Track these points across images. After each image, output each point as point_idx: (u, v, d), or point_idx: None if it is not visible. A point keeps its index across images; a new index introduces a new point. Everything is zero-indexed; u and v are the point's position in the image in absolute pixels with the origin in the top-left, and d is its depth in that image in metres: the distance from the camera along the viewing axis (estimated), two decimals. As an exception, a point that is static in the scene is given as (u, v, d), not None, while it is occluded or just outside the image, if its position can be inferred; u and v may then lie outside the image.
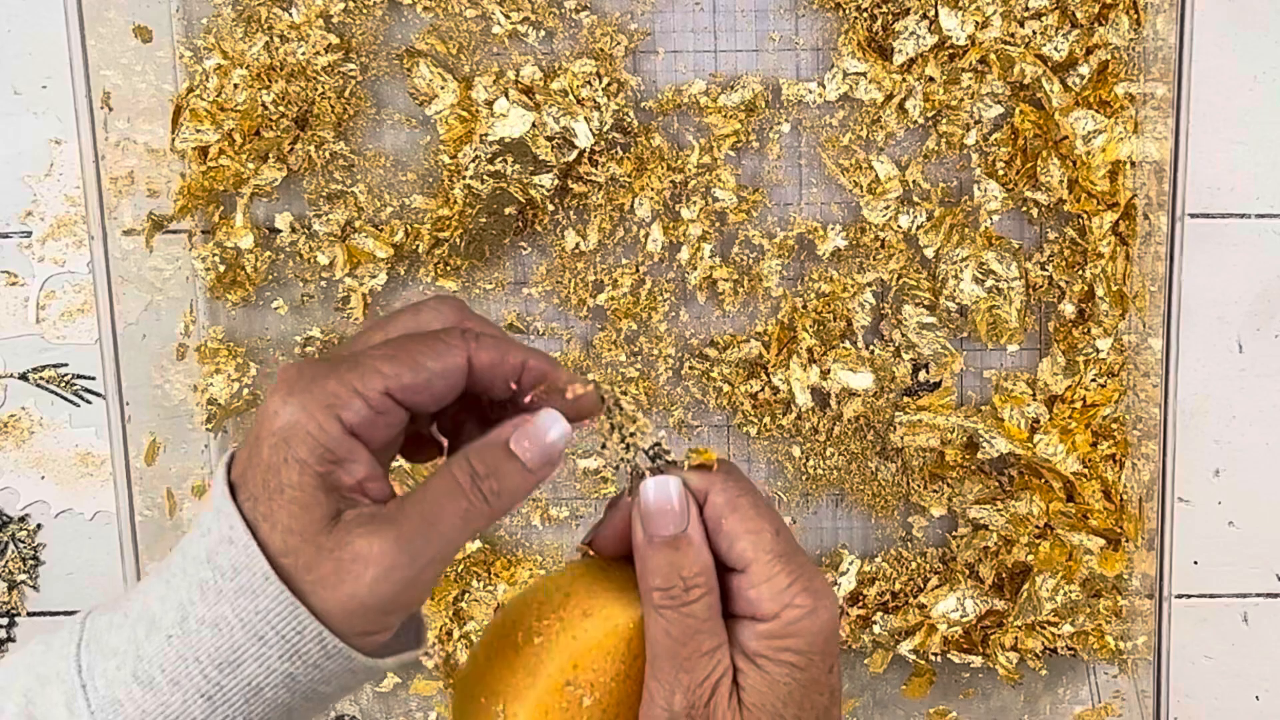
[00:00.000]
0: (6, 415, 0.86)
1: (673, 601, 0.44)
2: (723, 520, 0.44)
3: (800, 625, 0.43)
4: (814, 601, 0.44)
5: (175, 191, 0.82)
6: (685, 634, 0.43)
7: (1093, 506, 0.83)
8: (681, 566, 0.44)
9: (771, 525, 0.45)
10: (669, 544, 0.44)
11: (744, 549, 0.44)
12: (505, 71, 0.81)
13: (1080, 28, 0.79)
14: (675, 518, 0.44)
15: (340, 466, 0.41)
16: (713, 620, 0.44)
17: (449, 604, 0.86)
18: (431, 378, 0.43)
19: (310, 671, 0.41)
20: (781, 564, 0.44)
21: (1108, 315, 0.82)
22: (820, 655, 0.44)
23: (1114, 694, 0.85)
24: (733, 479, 0.45)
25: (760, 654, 0.44)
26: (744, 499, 0.45)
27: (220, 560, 0.41)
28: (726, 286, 0.83)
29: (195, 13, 0.81)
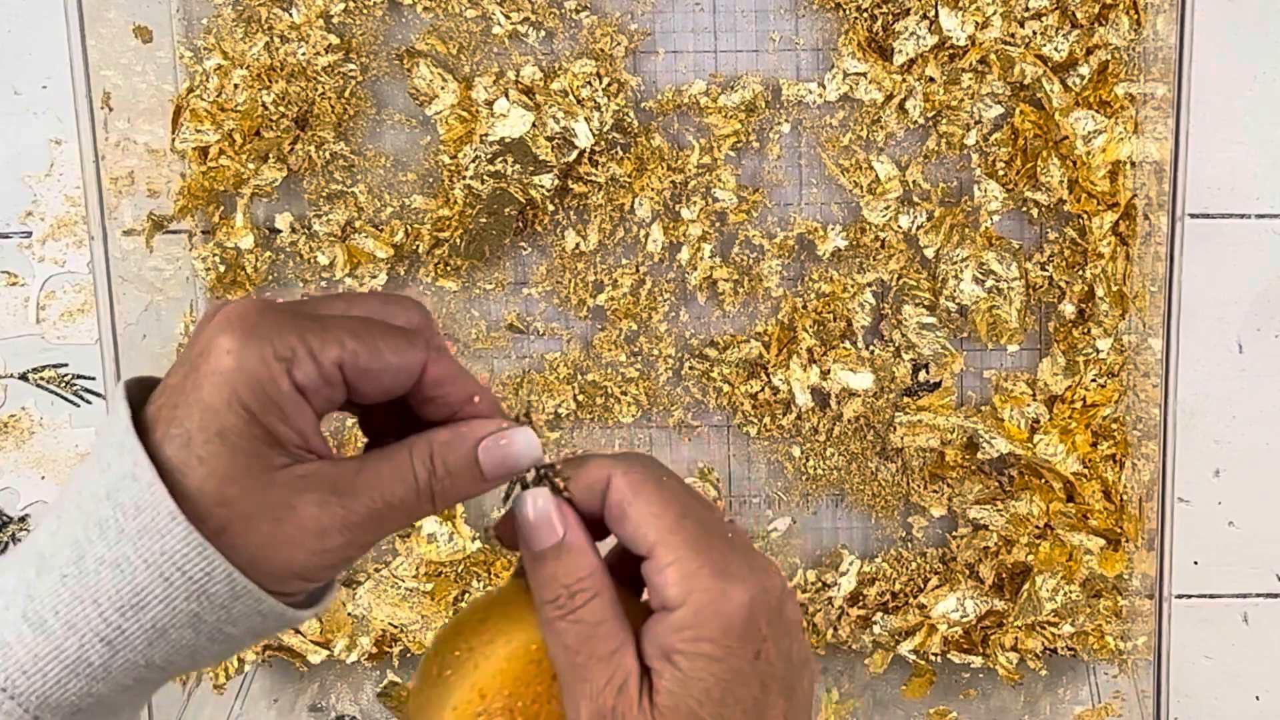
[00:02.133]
0: (6, 415, 0.87)
1: (560, 611, 0.42)
2: (626, 506, 0.42)
3: (710, 610, 0.40)
4: (723, 584, 0.41)
5: (175, 191, 0.82)
6: (578, 641, 0.42)
7: (1093, 506, 0.83)
8: (564, 575, 0.42)
9: (678, 509, 0.42)
10: (550, 555, 0.43)
11: (645, 533, 0.42)
12: (505, 72, 0.81)
13: (1080, 28, 0.79)
14: (548, 529, 0.43)
15: (285, 422, 0.39)
16: (607, 623, 0.42)
17: (449, 604, 0.86)
18: (385, 370, 0.41)
19: (217, 612, 0.39)
20: (688, 546, 0.41)
21: (1108, 315, 0.82)
22: (739, 641, 0.41)
23: (1114, 694, 0.85)
24: (637, 464, 0.43)
25: (674, 649, 0.41)
26: (648, 483, 0.43)
27: (122, 497, 0.38)
28: (726, 286, 0.83)
29: (195, 13, 0.81)
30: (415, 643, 0.86)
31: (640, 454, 0.45)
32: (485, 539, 0.87)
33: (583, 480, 0.43)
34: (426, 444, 0.42)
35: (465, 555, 0.86)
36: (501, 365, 0.85)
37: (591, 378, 0.85)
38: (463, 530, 0.86)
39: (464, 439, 0.42)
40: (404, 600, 0.86)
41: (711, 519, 0.43)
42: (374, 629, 0.86)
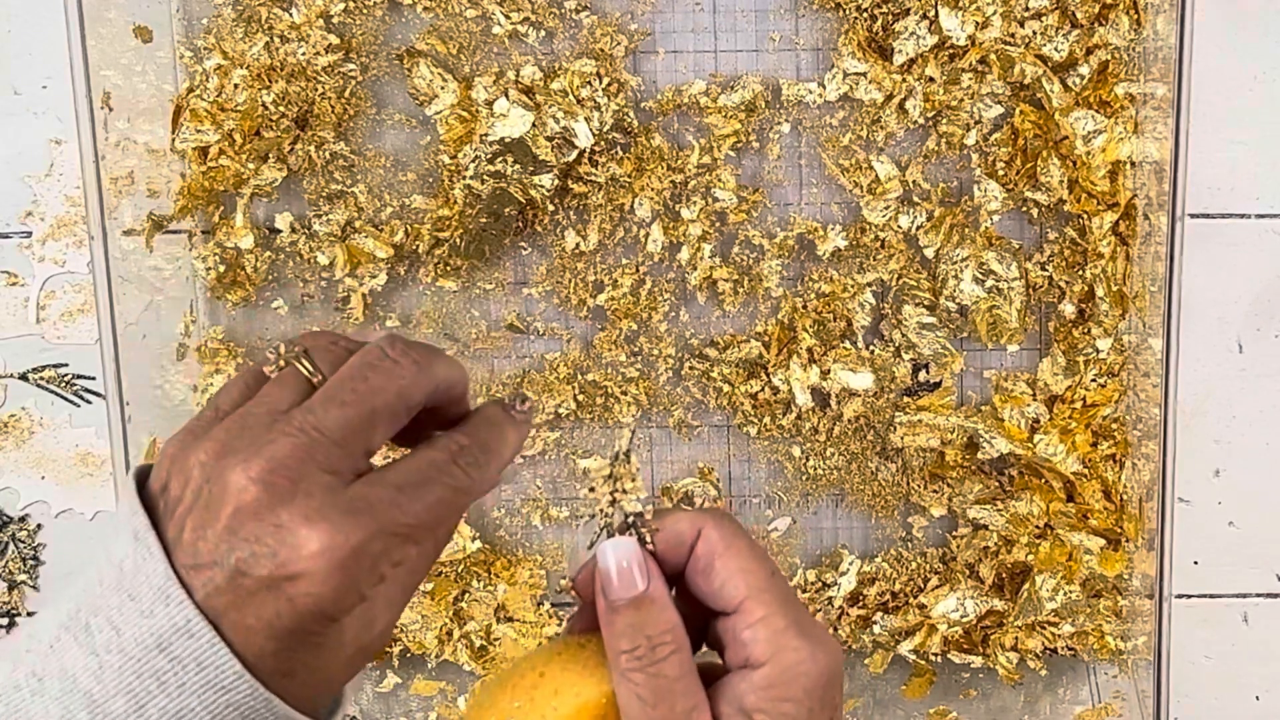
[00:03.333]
0: (6, 415, 0.86)
1: (639, 663, 0.42)
2: (716, 558, 0.43)
3: (798, 671, 0.41)
4: (811, 646, 0.41)
5: (175, 191, 0.82)
6: (656, 696, 0.41)
7: (1093, 506, 0.83)
8: (645, 625, 0.42)
9: (768, 566, 0.43)
10: (631, 605, 0.42)
11: (737, 586, 0.42)
12: (505, 71, 0.81)
13: (1080, 28, 0.79)
14: (633, 579, 0.42)
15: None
16: (685, 679, 0.42)
17: (449, 604, 0.86)
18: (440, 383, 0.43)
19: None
20: (778, 604, 0.42)
21: (1108, 315, 0.82)
22: (820, 706, 0.41)
23: (1114, 694, 0.85)
24: (728, 520, 0.43)
25: (757, 708, 0.41)
26: (739, 538, 0.43)
27: (178, 652, 0.38)
28: (726, 286, 0.83)
29: (195, 13, 0.81)
30: (415, 643, 0.86)
31: (723, 510, 0.45)
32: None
33: (670, 531, 0.43)
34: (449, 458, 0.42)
35: (465, 555, 0.86)
36: (501, 365, 0.85)
37: (591, 378, 0.85)
38: (463, 530, 0.86)
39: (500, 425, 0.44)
40: (404, 600, 0.86)
41: (785, 581, 0.43)
42: (374, 629, 0.86)
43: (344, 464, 0.39)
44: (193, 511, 0.39)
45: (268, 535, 0.38)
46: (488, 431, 0.43)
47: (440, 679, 0.87)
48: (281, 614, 0.38)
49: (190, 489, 0.39)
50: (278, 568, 0.38)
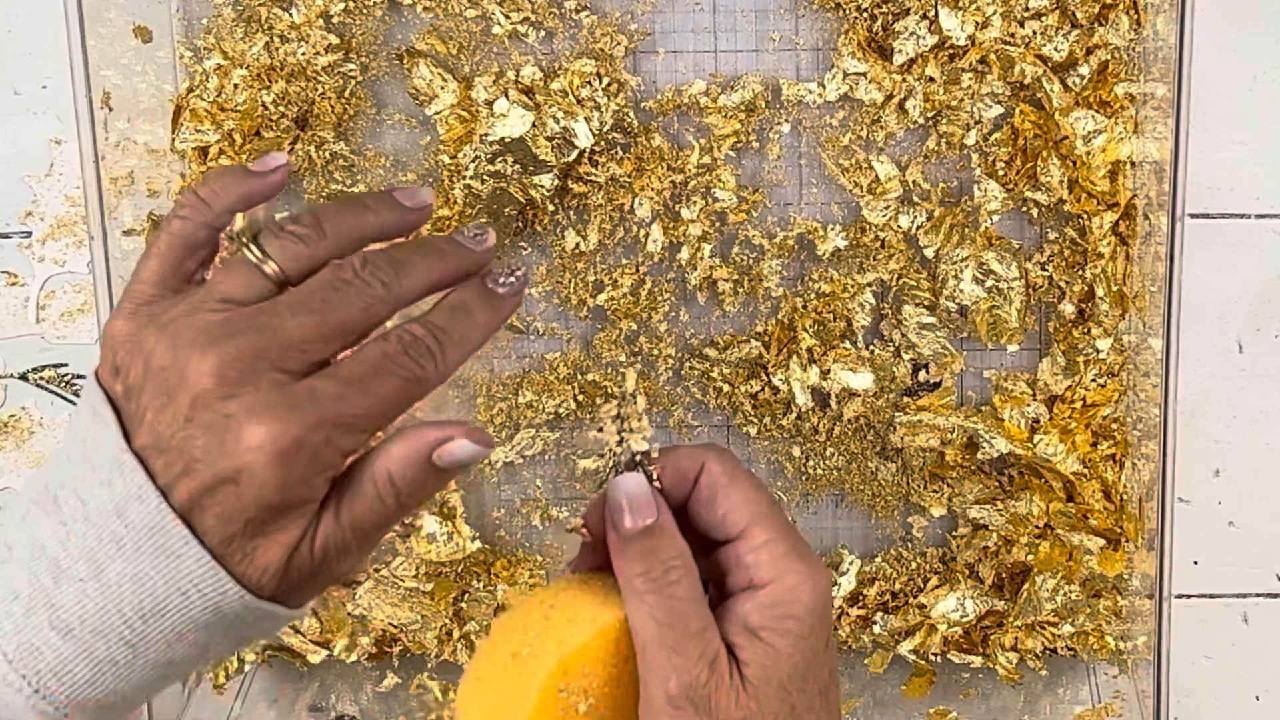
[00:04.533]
0: (6, 415, 0.87)
1: (654, 584, 0.44)
2: (720, 488, 0.45)
3: (800, 590, 0.43)
4: (811, 569, 0.44)
5: (175, 192, 0.82)
6: (670, 615, 0.43)
7: (1093, 506, 0.83)
8: (658, 550, 0.44)
9: (768, 496, 0.45)
10: (642, 533, 0.44)
11: (741, 514, 0.44)
12: (505, 71, 0.81)
13: (1080, 28, 0.79)
14: (644, 511, 0.44)
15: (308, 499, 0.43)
16: (697, 600, 0.44)
17: (449, 604, 0.86)
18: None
19: (230, 620, 0.42)
20: (779, 528, 0.44)
21: (1108, 315, 0.82)
22: (820, 625, 0.44)
23: (1114, 694, 0.85)
24: (729, 454, 0.46)
25: (762, 626, 0.43)
26: (740, 470, 0.45)
27: (132, 518, 0.41)
28: (726, 286, 0.83)
29: (195, 13, 0.81)
30: (415, 643, 0.86)
31: (723, 446, 0.48)
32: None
33: (673, 467, 0.46)
34: (384, 468, 0.44)
35: (465, 555, 0.86)
36: (501, 365, 0.85)
37: (591, 378, 0.85)
38: (463, 530, 0.86)
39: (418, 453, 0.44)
40: (404, 600, 0.86)
41: (784, 512, 0.46)
42: (374, 629, 0.86)
43: (296, 365, 0.42)
44: (153, 395, 0.41)
45: (218, 425, 0.40)
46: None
47: (440, 679, 0.87)
48: (229, 502, 0.40)
49: (150, 375, 0.41)
50: (224, 458, 0.40)
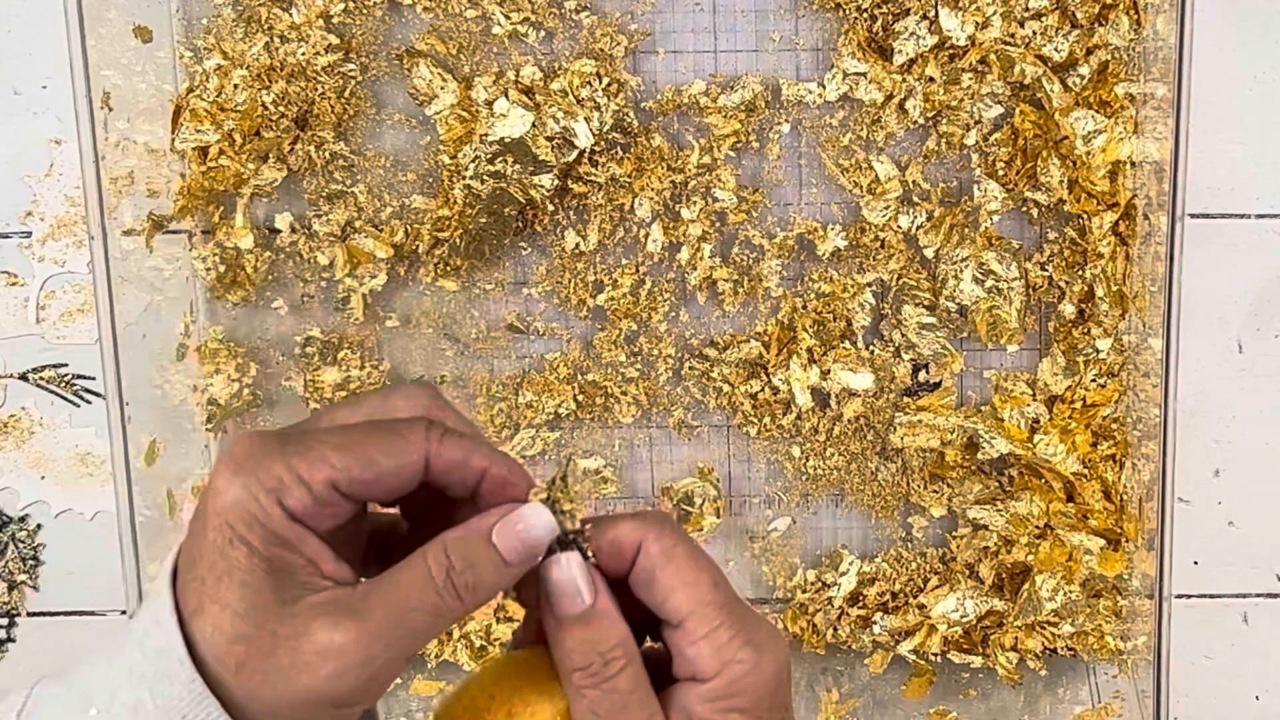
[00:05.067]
0: (6, 415, 0.86)
1: (594, 680, 0.42)
2: (656, 571, 0.42)
3: (745, 683, 0.41)
4: (757, 656, 0.41)
5: (175, 191, 0.82)
6: (611, 711, 0.42)
7: (1093, 506, 0.83)
8: (596, 642, 0.42)
9: (710, 576, 0.42)
10: (579, 621, 0.42)
11: (679, 602, 0.42)
12: (505, 71, 0.81)
13: (1080, 28, 0.79)
14: (579, 594, 0.42)
15: (288, 550, 0.40)
16: (639, 691, 0.42)
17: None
18: (382, 475, 0.41)
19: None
20: (722, 615, 0.42)
21: (1108, 315, 0.82)
22: (769, 710, 0.42)
23: (1114, 694, 0.85)
24: (668, 528, 0.43)
25: (705, 718, 0.41)
26: (679, 548, 0.42)
27: (148, 643, 0.40)
28: (726, 286, 0.83)
29: (195, 13, 0.81)
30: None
31: (666, 515, 0.45)
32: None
33: (609, 541, 0.43)
34: (440, 543, 0.42)
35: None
36: (501, 365, 0.85)
37: (591, 378, 0.85)
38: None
39: (474, 528, 0.42)
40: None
41: (728, 585, 0.43)
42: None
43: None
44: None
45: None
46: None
47: (440, 679, 0.87)
48: (213, 555, 0.40)
49: None
50: (201, 499, 0.41)
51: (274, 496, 0.39)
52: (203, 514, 0.40)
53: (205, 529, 0.40)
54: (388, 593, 0.41)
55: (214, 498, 0.40)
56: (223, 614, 0.39)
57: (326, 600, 0.40)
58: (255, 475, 0.40)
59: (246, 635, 0.39)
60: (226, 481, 0.40)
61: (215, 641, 0.40)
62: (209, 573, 0.40)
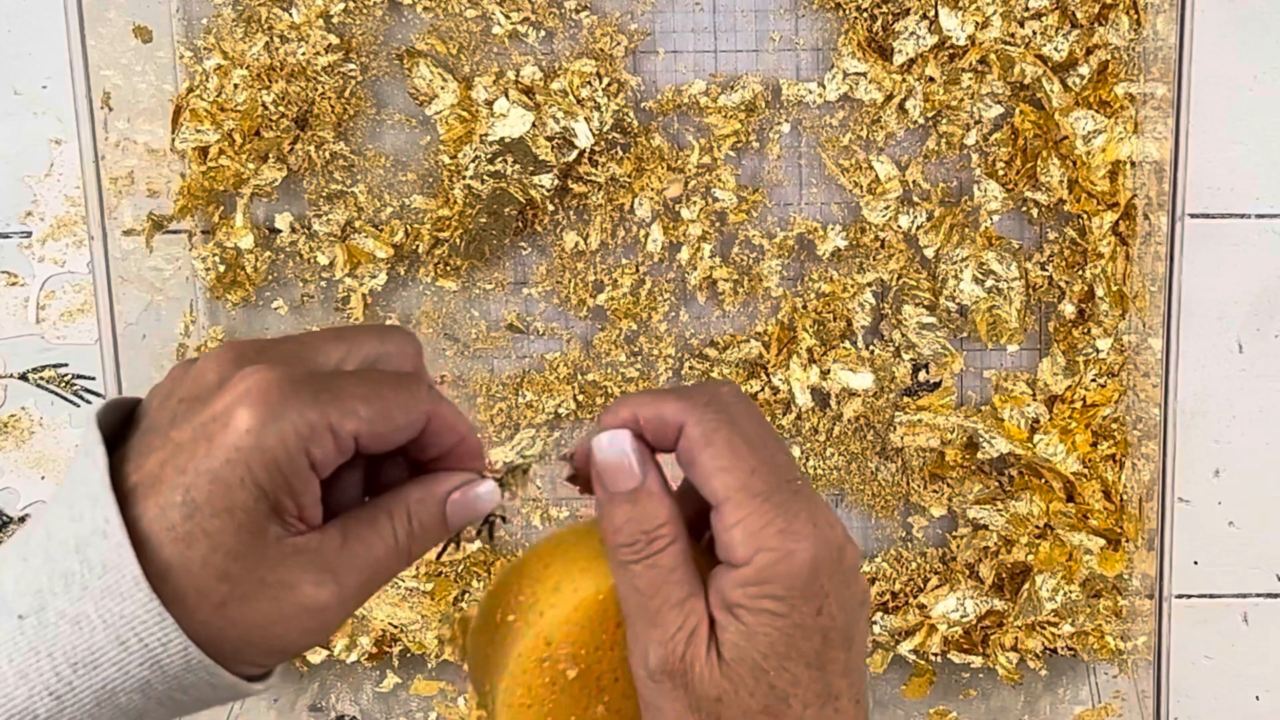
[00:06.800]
0: (6, 415, 0.87)
1: (637, 555, 0.42)
2: (696, 454, 0.42)
3: (775, 570, 0.41)
4: (789, 544, 0.41)
5: (175, 191, 0.82)
6: (652, 586, 0.42)
7: (1093, 506, 0.83)
8: (642, 520, 0.43)
9: (748, 462, 0.42)
10: (628, 498, 0.43)
11: (716, 487, 0.42)
12: (505, 71, 0.81)
13: (1080, 28, 0.79)
14: (628, 473, 0.43)
15: (291, 496, 0.39)
16: (680, 569, 0.42)
17: (449, 604, 0.86)
18: (395, 430, 0.41)
19: (168, 681, 0.39)
20: (756, 504, 0.41)
21: (1108, 315, 0.82)
22: (802, 598, 0.41)
23: (1114, 694, 0.85)
24: (713, 409, 0.43)
25: (738, 604, 0.41)
26: (720, 433, 0.42)
27: (90, 553, 0.38)
28: (726, 286, 0.83)
29: (195, 13, 0.81)
30: (415, 643, 0.86)
31: (718, 391, 0.44)
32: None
33: (655, 420, 0.43)
34: (403, 504, 0.42)
35: (465, 555, 0.86)
36: (501, 365, 0.85)
37: (591, 378, 0.85)
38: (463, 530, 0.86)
39: (435, 495, 0.43)
40: (404, 600, 0.86)
41: (779, 469, 0.42)
42: (374, 629, 0.86)
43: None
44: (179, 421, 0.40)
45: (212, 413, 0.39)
46: None
47: (440, 679, 0.87)
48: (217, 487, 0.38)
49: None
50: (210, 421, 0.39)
51: (303, 444, 0.39)
52: (211, 439, 0.38)
53: (212, 455, 0.38)
54: (361, 553, 0.41)
55: (235, 432, 0.38)
56: (214, 551, 0.38)
57: (305, 548, 0.40)
58: (289, 420, 0.39)
59: (233, 575, 0.39)
60: (254, 421, 0.38)
61: (201, 576, 0.38)
62: (207, 503, 0.38)
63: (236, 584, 0.39)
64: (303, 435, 0.39)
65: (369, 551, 0.41)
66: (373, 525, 0.42)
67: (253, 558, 0.39)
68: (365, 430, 0.40)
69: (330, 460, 0.40)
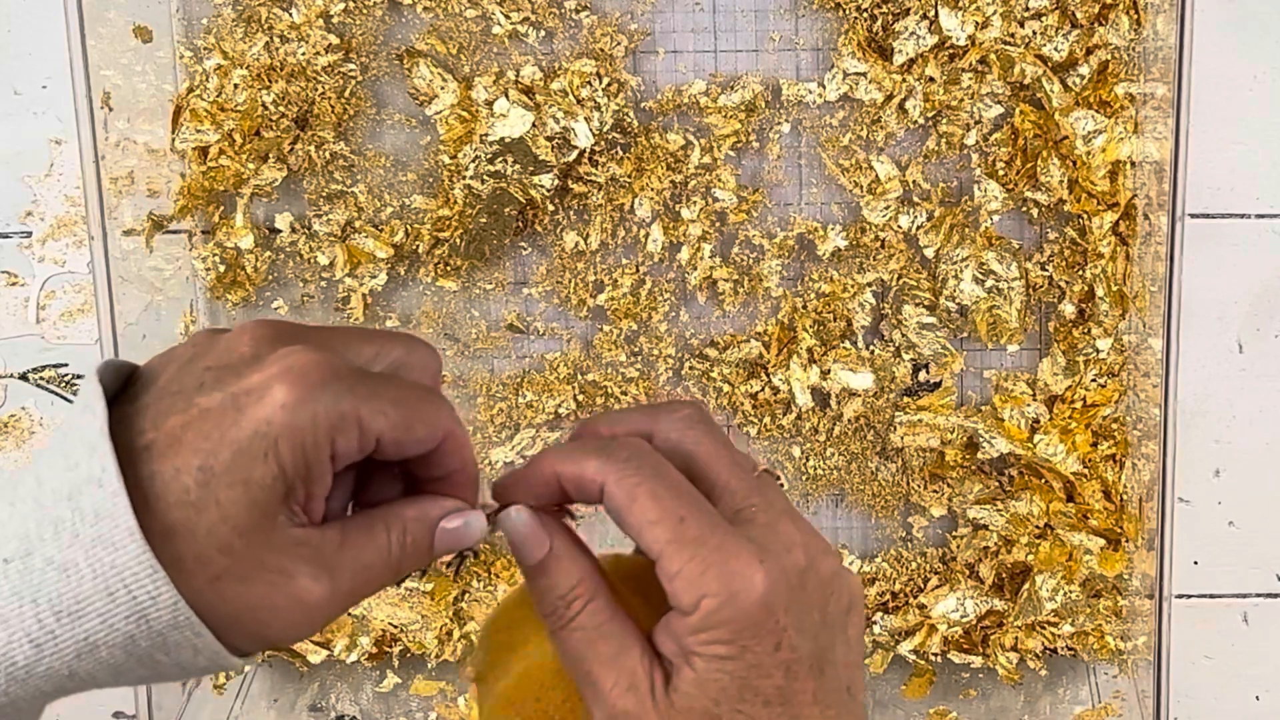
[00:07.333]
0: (6, 415, 0.86)
1: (560, 622, 0.43)
2: (622, 514, 0.42)
3: (720, 615, 0.40)
4: (732, 586, 0.40)
5: (175, 191, 0.82)
6: (580, 649, 0.42)
7: (1093, 506, 0.83)
8: (556, 586, 0.43)
9: (676, 511, 0.41)
10: (538, 569, 0.43)
11: (648, 542, 0.41)
12: (505, 71, 0.81)
13: (1080, 28, 0.79)
14: (533, 543, 0.43)
15: (306, 484, 0.39)
16: (605, 624, 0.42)
17: (449, 604, 0.86)
18: (411, 442, 0.41)
19: (153, 638, 0.38)
20: (691, 550, 0.40)
21: (1108, 315, 0.82)
22: (754, 638, 0.40)
23: (1114, 694, 0.85)
24: (632, 464, 0.42)
25: (690, 650, 0.41)
26: (642, 487, 0.41)
27: (83, 501, 0.37)
28: (726, 286, 0.83)
29: (195, 13, 0.81)
30: (415, 643, 0.86)
31: (667, 425, 0.44)
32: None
33: (577, 479, 0.43)
34: (400, 520, 0.42)
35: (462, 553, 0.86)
36: (501, 365, 0.85)
37: (591, 378, 0.85)
38: (463, 530, 0.86)
39: (431, 516, 0.43)
40: (404, 600, 0.86)
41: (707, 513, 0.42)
42: (374, 629, 0.86)
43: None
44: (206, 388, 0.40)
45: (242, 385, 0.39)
46: None
47: (440, 679, 0.87)
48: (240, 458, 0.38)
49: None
50: (243, 393, 0.38)
51: (331, 434, 0.39)
52: (242, 410, 0.38)
53: (240, 425, 0.38)
54: (355, 557, 0.41)
55: (270, 406, 0.38)
56: (222, 522, 0.38)
57: (307, 541, 0.40)
58: (326, 405, 0.38)
59: (235, 550, 0.38)
60: (295, 398, 0.38)
61: (204, 544, 0.38)
62: (225, 473, 0.38)
63: (237, 560, 0.38)
64: (333, 423, 0.39)
65: (363, 557, 0.41)
66: (370, 533, 0.42)
67: (257, 537, 0.38)
68: (389, 434, 0.40)
69: (351, 455, 0.40)
